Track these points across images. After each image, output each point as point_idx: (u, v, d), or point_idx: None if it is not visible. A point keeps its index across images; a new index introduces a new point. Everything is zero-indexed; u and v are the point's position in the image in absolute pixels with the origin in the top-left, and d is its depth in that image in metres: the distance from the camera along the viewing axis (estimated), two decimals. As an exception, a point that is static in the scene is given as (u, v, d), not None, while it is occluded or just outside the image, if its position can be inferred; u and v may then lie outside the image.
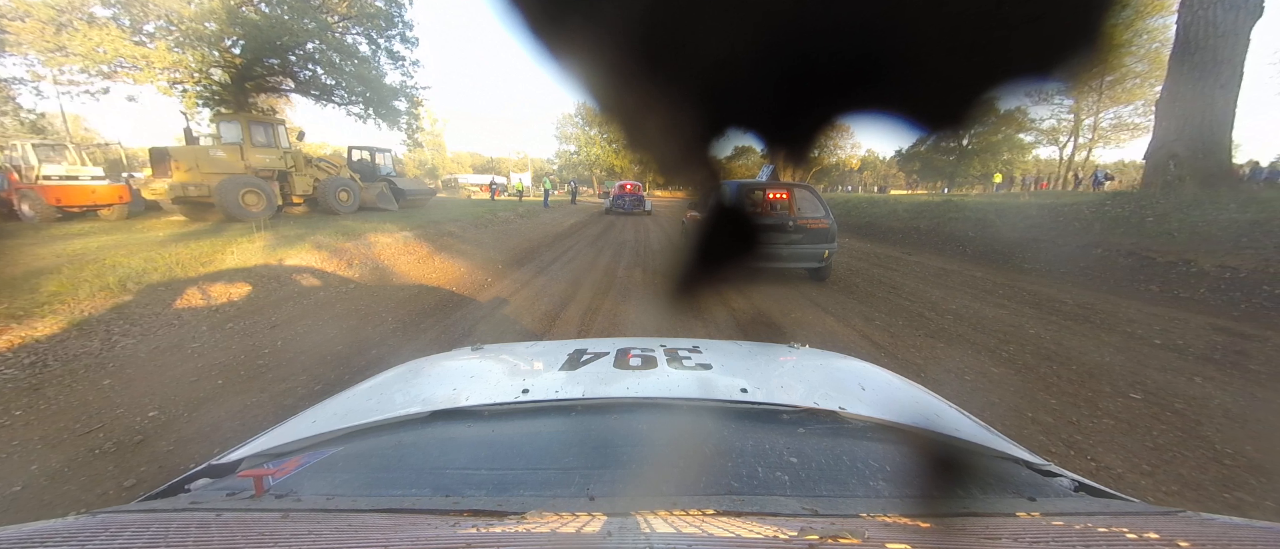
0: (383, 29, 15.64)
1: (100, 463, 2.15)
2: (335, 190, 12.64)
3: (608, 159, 46.39)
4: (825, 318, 4.64)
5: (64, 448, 2.25)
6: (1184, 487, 2.02)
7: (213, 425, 2.47)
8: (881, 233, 12.36)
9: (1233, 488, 2.02)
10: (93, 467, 2.12)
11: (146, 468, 2.11)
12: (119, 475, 2.06)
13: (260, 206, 10.50)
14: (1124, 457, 2.23)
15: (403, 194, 15.42)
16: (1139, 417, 2.61)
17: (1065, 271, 6.57)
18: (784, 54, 0.27)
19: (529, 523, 0.52)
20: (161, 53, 11.95)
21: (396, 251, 7.59)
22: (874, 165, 52.13)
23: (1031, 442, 2.30)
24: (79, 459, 2.17)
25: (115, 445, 2.28)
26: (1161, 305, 4.95)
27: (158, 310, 4.21)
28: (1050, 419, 2.58)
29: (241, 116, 11.54)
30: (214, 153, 10.51)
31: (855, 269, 7.47)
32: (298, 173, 12.19)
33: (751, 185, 6.29)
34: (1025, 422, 2.55)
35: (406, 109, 17.11)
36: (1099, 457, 2.23)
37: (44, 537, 0.49)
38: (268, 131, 11.56)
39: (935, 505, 0.61)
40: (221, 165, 10.42)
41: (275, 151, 11.54)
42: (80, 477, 2.05)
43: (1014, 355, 3.57)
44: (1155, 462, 2.20)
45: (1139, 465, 2.17)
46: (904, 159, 40.20)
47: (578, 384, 1.07)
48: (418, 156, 55.86)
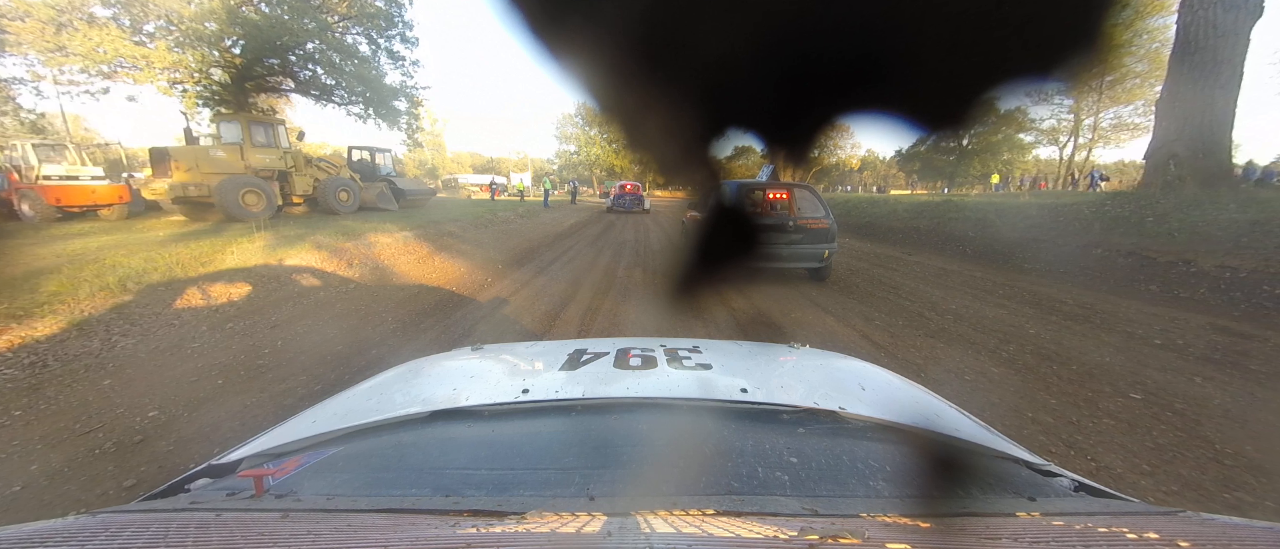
0: (383, 29, 15.62)
1: (100, 463, 2.15)
2: (335, 190, 12.62)
3: (608, 159, 46.35)
4: (825, 318, 4.64)
5: (64, 448, 2.25)
6: (1185, 487, 2.02)
7: (212, 425, 2.47)
8: (882, 233, 12.36)
9: (1233, 488, 2.02)
10: (92, 467, 2.12)
11: (146, 468, 2.11)
12: (119, 475, 2.06)
13: (260, 206, 10.47)
14: (1124, 457, 2.23)
15: (403, 194, 15.39)
16: (1139, 417, 2.61)
17: (1065, 271, 6.57)
18: (784, 54, 0.27)
19: (529, 523, 0.52)
20: (161, 53, 11.95)
21: (396, 251, 7.59)
22: (873, 165, 52.07)
23: (1032, 442, 2.29)
24: (79, 459, 2.17)
25: (115, 445, 2.28)
26: (1161, 305, 4.95)
27: (158, 310, 4.21)
28: (1050, 419, 2.58)
29: (241, 116, 11.50)
30: (214, 153, 10.48)
31: (855, 269, 7.47)
32: (298, 173, 12.15)
33: (751, 185, 6.29)
34: (1025, 422, 2.55)
35: (406, 109, 17.10)
36: (1099, 457, 2.23)
37: (44, 537, 0.49)
38: (268, 131, 11.53)
39: (935, 505, 0.61)
40: (221, 165, 10.39)
41: (275, 151, 11.51)
42: (80, 477, 2.05)
43: (1014, 355, 3.57)
44: (1155, 462, 2.19)
45: (1139, 466, 2.17)
46: (904, 159, 40.10)
47: (578, 384, 1.07)
48: (418, 156, 55.80)
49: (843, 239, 7.04)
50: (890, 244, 10.82)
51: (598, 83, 0.29)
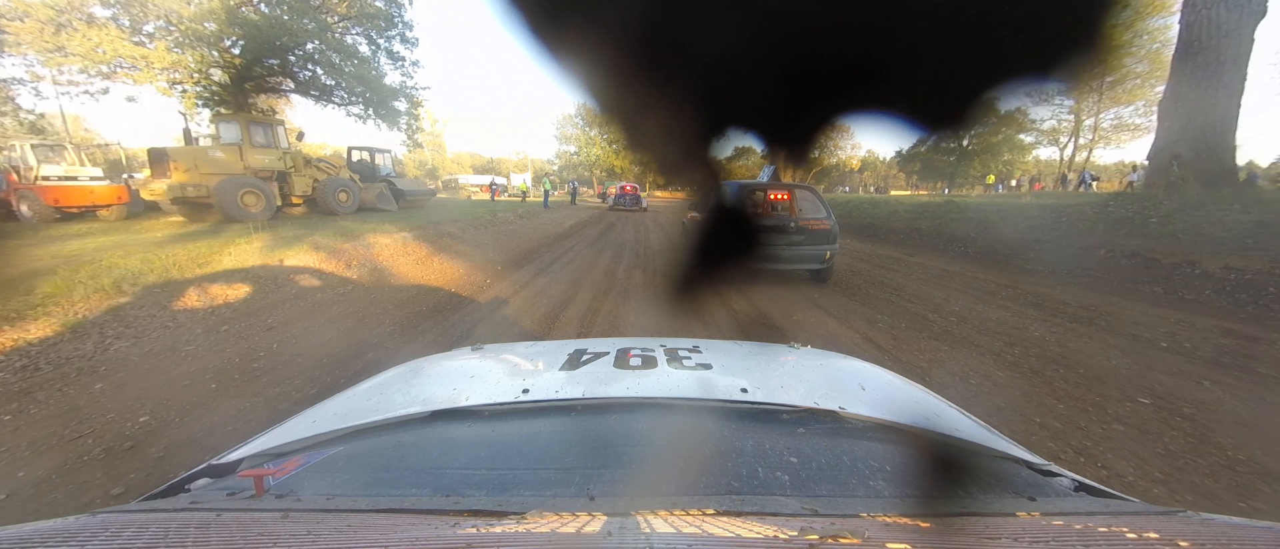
0: (382, 29, 15.58)
1: (88, 470, 2.11)
2: (334, 191, 12.54)
3: (608, 160, 46.46)
4: (827, 320, 4.61)
5: (52, 454, 2.21)
6: (1199, 495, 1.98)
7: (205, 431, 2.43)
8: (883, 233, 12.34)
9: (1248, 495, 1.98)
10: (81, 473, 2.08)
11: (136, 475, 2.07)
12: (107, 484, 2.02)
13: (259, 207, 10.38)
14: (1135, 463, 2.19)
15: (402, 194, 15.31)
16: (1149, 422, 2.57)
17: (1069, 273, 6.53)
18: (784, 53, 0.27)
19: (529, 523, 0.52)
20: (161, 53, 11.92)
21: (395, 252, 7.56)
22: (874, 166, 52.16)
23: (1041, 448, 2.25)
24: (67, 465, 2.13)
25: (104, 452, 2.24)
26: (1166, 307, 4.91)
27: (153, 312, 4.17)
28: (1059, 424, 2.54)
29: (240, 117, 11.36)
30: (213, 153, 10.37)
31: (857, 270, 7.44)
32: (297, 173, 12.04)
33: (752, 186, 6.26)
34: (1033, 427, 2.51)
35: (407, 109, 17.09)
36: (1110, 463, 2.19)
37: (44, 537, 0.49)
38: (267, 132, 11.44)
39: (935, 505, 0.61)
40: (220, 166, 10.30)
41: (274, 152, 11.42)
42: (68, 484, 2.01)
43: (1019, 359, 3.53)
44: (1168, 469, 2.15)
45: (1151, 473, 2.12)
46: (904, 160, 40.15)
47: (578, 384, 1.07)
48: (418, 157, 55.95)
49: (844, 240, 6.99)
50: (892, 245, 10.80)
51: (598, 83, 0.29)
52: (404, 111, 17.05)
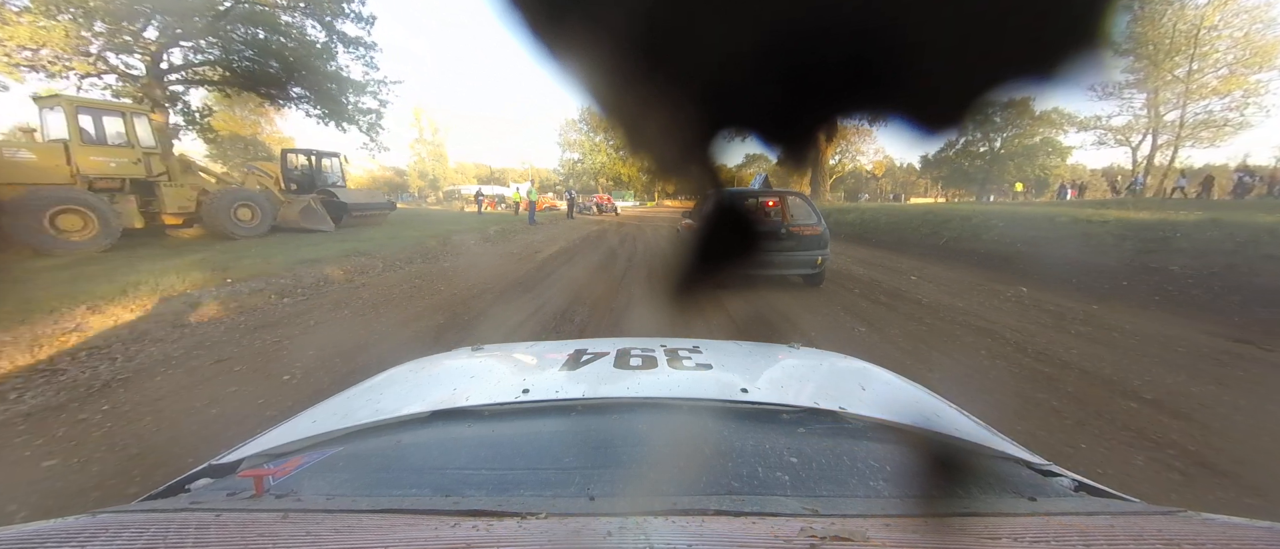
0: (329, 8, 13.51)
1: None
2: (230, 206, 9.63)
3: (613, 167, 46.07)
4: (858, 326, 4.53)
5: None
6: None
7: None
8: (909, 247, 10.41)
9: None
10: None
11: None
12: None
13: (88, 233, 7.40)
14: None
15: (345, 209, 12.44)
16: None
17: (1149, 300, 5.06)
18: (790, 53, 0.26)
19: (529, 523, 0.53)
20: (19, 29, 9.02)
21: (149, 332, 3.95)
22: (892, 172, 50.65)
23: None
24: None
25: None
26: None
27: None
28: None
29: (65, 100, 7.88)
30: (16, 156, 7.27)
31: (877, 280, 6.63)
32: (170, 182, 8.97)
33: (743, 193, 6.37)
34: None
35: (362, 103, 14.73)
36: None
37: (44, 537, 0.49)
38: (117, 123, 8.23)
39: (935, 505, 0.61)
40: (27, 173, 7.21)
41: (128, 152, 8.33)
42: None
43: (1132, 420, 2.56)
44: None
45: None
46: (929, 165, 37.59)
47: (578, 384, 1.07)
48: (419, 168, 55.12)
49: (865, 252, 6.17)
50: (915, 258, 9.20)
51: (599, 84, 0.29)
52: (351, 103, 14.64)
